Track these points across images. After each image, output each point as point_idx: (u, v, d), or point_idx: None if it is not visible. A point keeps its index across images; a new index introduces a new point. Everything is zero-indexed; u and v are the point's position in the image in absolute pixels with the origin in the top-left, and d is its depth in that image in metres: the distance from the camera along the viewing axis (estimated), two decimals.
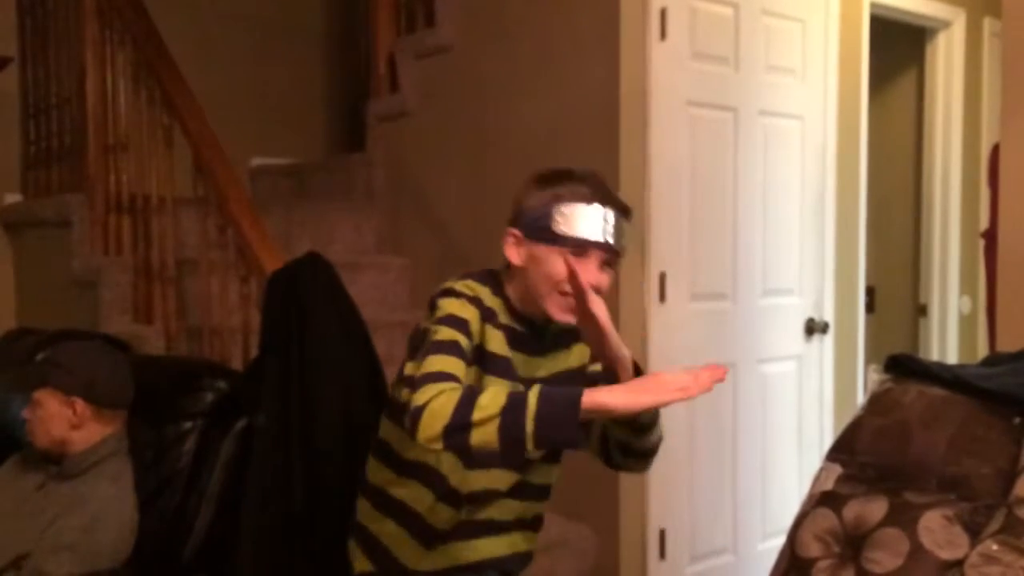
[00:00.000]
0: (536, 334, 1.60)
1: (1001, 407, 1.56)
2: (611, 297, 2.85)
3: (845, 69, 3.52)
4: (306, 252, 1.99)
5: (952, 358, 4.18)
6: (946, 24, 4.10)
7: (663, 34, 2.83)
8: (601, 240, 1.53)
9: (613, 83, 2.80)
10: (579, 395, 1.29)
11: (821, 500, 1.64)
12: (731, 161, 3.06)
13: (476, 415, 1.30)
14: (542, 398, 1.30)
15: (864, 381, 3.82)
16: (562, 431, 1.29)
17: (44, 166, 3.71)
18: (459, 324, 1.50)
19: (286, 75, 4.47)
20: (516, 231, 1.57)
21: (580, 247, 1.52)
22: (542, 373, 1.60)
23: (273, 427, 1.85)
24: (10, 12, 3.80)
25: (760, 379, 3.19)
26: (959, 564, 1.43)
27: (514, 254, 1.57)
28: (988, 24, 4.21)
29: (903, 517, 1.51)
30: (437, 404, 1.32)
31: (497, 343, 1.56)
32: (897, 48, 4.30)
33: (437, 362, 1.42)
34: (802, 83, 3.29)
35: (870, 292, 4.09)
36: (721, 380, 1.30)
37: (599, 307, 1.43)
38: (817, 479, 1.69)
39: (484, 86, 3.25)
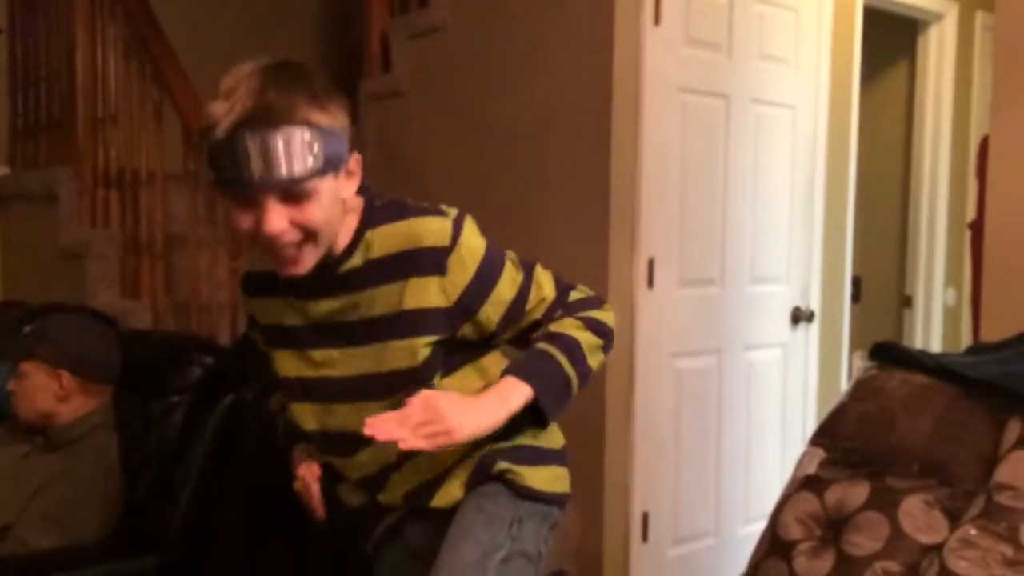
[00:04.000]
0: (322, 271, 1.29)
1: (983, 395, 1.57)
2: (599, 281, 2.88)
3: (837, 59, 3.52)
4: None
5: (936, 350, 4.21)
6: (939, 17, 4.11)
7: (657, 19, 2.83)
8: (243, 180, 1.15)
9: (606, 67, 2.80)
10: None
11: (804, 484, 1.65)
12: (722, 148, 3.06)
13: None
14: None
15: (849, 369, 3.84)
16: None
17: (32, 138, 3.69)
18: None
19: (279, 52, 4.43)
20: None
21: (236, 193, 1.18)
22: (330, 315, 1.34)
23: (260, 402, 1.85)
24: None
25: (746, 366, 3.21)
26: (938, 548, 1.45)
27: None
28: (980, 17, 4.23)
29: (884, 501, 1.53)
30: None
31: (265, 312, 1.41)
32: (889, 40, 4.31)
33: None
34: (795, 72, 3.30)
35: (856, 282, 4.10)
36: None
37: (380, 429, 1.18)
38: (800, 463, 1.70)
39: (477, 67, 3.24)
